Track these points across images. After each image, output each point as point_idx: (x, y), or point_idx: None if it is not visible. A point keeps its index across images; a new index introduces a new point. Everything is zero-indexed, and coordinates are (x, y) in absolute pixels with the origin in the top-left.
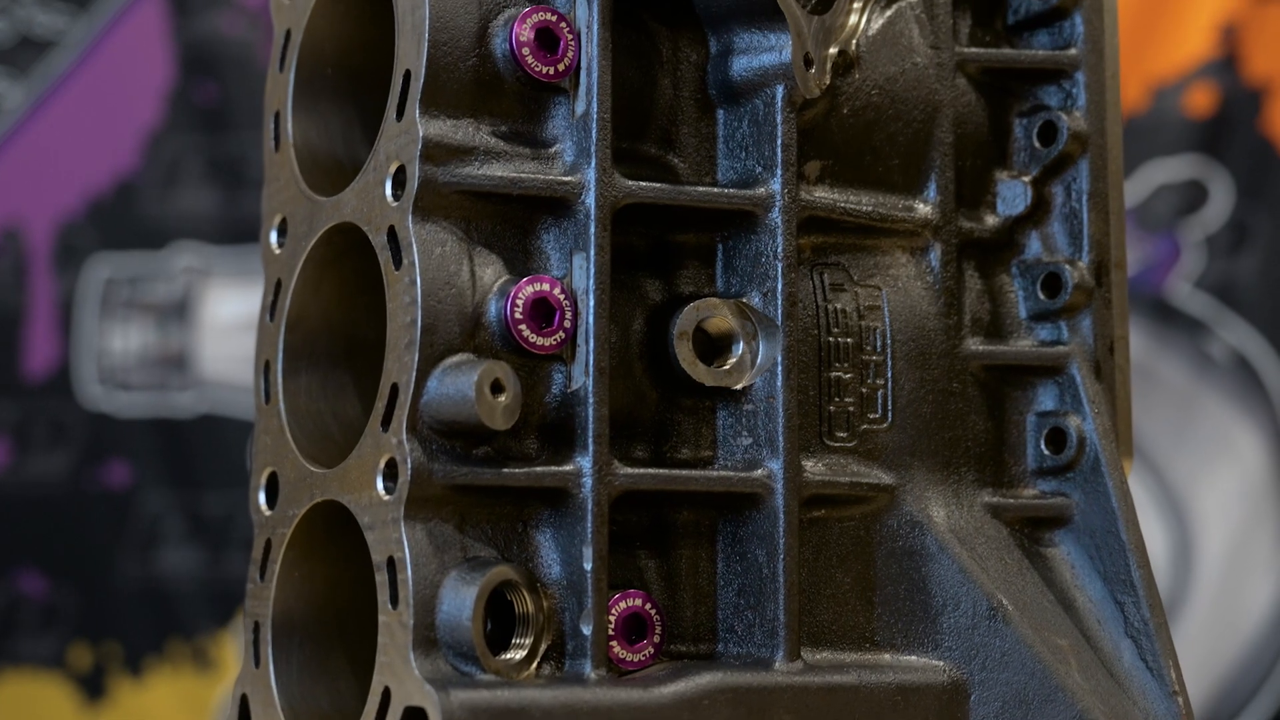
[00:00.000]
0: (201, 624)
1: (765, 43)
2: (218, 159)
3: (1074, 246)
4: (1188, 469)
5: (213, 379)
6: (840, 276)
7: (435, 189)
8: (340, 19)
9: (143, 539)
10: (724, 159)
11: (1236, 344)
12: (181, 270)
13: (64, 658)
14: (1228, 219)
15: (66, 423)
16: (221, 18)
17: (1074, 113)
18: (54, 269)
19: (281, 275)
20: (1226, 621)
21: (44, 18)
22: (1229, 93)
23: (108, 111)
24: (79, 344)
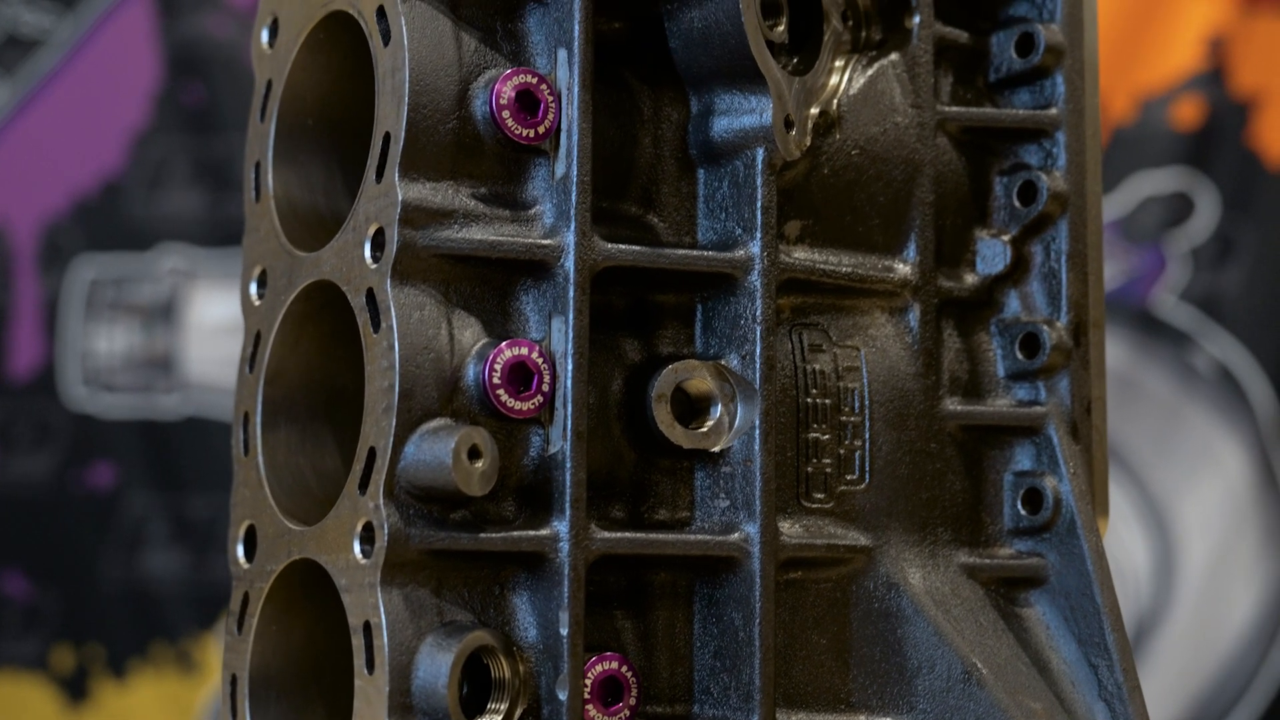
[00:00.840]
0: (185, 626)
1: (746, 105)
2: (204, 160)
3: (1052, 306)
4: (1171, 480)
5: (198, 381)
6: (819, 337)
7: (414, 252)
8: (321, 71)
9: (127, 541)
10: (704, 218)
11: (1220, 356)
12: (167, 272)
13: (47, 659)
14: (1213, 231)
15: (51, 424)
16: (209, 19)
17: (1054, 172)
18: (39, 269)
19: (261, 327)
20: (1208, 632)
21: (30, 17)
22: (1216, 105)
23: (94, 112)
24: (64, 345)
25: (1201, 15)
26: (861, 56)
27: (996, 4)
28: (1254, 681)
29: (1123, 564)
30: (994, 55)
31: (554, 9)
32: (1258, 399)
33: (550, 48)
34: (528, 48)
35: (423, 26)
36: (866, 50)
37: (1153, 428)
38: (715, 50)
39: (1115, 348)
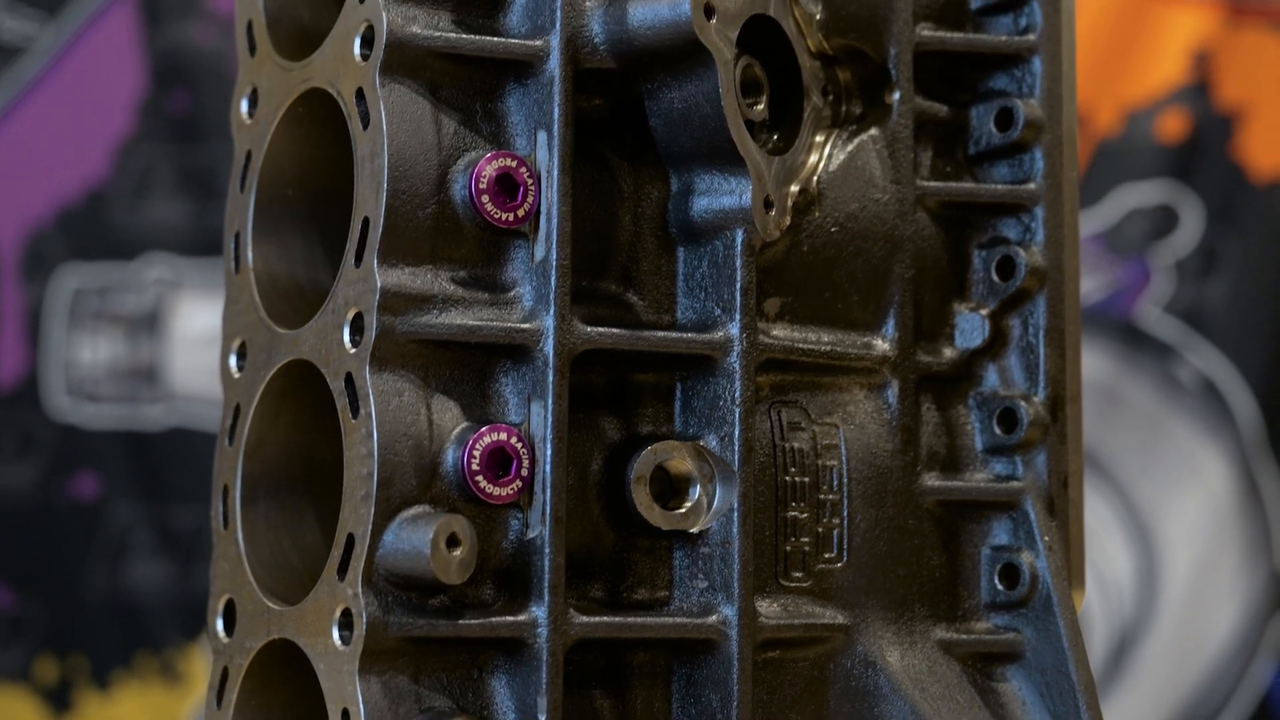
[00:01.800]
0: (170, 637)
1: (725, 185)
2: (189, 169)
3: (1030, 381)
4: (1154, 492)
5: (183, 392)
6: (798, 415)
7: (393, 338)
8: (300, 142)
9: (111, 552)
10: (684, 296)
11: (1205, 369)
12: (152, 282)
13: (30, 670)
14: (1198, 244)
15: (34, 434)
16: (193, 27)
17: (1032, 248)
18: (22, 278)
19: (240, 400)
20: (1191, 643)
21: (12, 23)
22: (1201, 118)
23: (78, 120)
24: (47, 355)
25: (1186, 28)
26: (842, 131)
27: (976, 77)
28: (1236, 692)
29: (1106, 575)
30: (974, 128)
31: (534, 90)
32: (1241, 411)
33: (530, 129)
34: (507, 128)
35: (402, 111)
36: (847, 125)
37: (1136, 439)
38: (695, 131)
39: (1099, 359)
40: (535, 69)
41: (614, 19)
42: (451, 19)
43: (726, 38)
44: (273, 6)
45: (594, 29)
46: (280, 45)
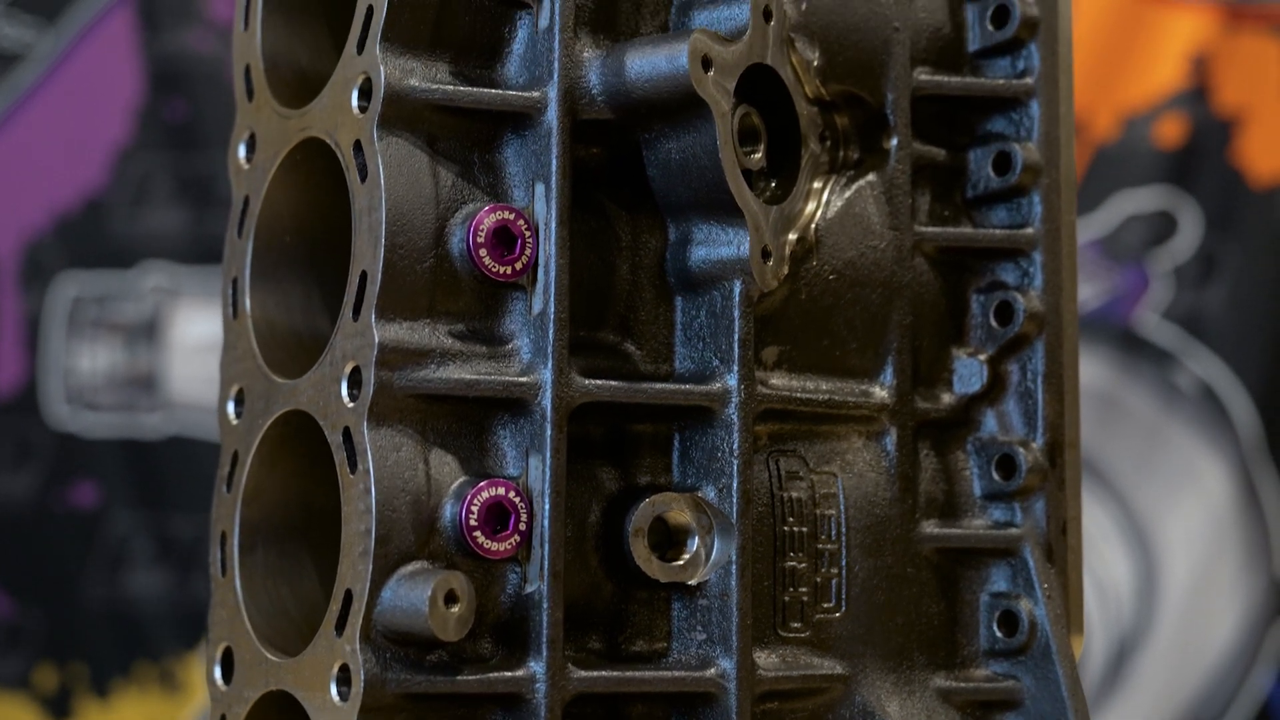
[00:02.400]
0: (169, 646)
1: (723, 236)
2: (187, 177)
3: (1028, 427)
4: (1153, 498)
5: (181, 400)
6: (796, 464)
7: (391, 394)
8: (298, 190)
9: (110, 560)
10: (681, 346)
11: (1203, 375)
12: (150, 290)
13: (29, 679)
14: (1196, 250)
15: (33, 442)
16: (191, 34)
17: (1030, 293)
18: (21, 287)
19: (238, 447)
20: (1190, 650)
21: (10, 30)
22: (1199, 123)
23: (76, 127)
24: (46, 363)
25: (1184, 32)
26: (839, 177)
27: (974, 120)
28: (1235, 700)
29: (1105, 582)
30: (971, 172)
31: (531, 141)
32: (1240, 418)
33: (528, 180)
34: (505, 179)
35: (400, 164)
36: (844, 170)
37: (1135, 446)
38: (693, 182)
39: (1098, 366)
40: (533, 120)
41: (611, 70)
42: (449, 70)
43: (724, 89)
44: (270, 51)
45: (591, 80)
46: (278, 90)
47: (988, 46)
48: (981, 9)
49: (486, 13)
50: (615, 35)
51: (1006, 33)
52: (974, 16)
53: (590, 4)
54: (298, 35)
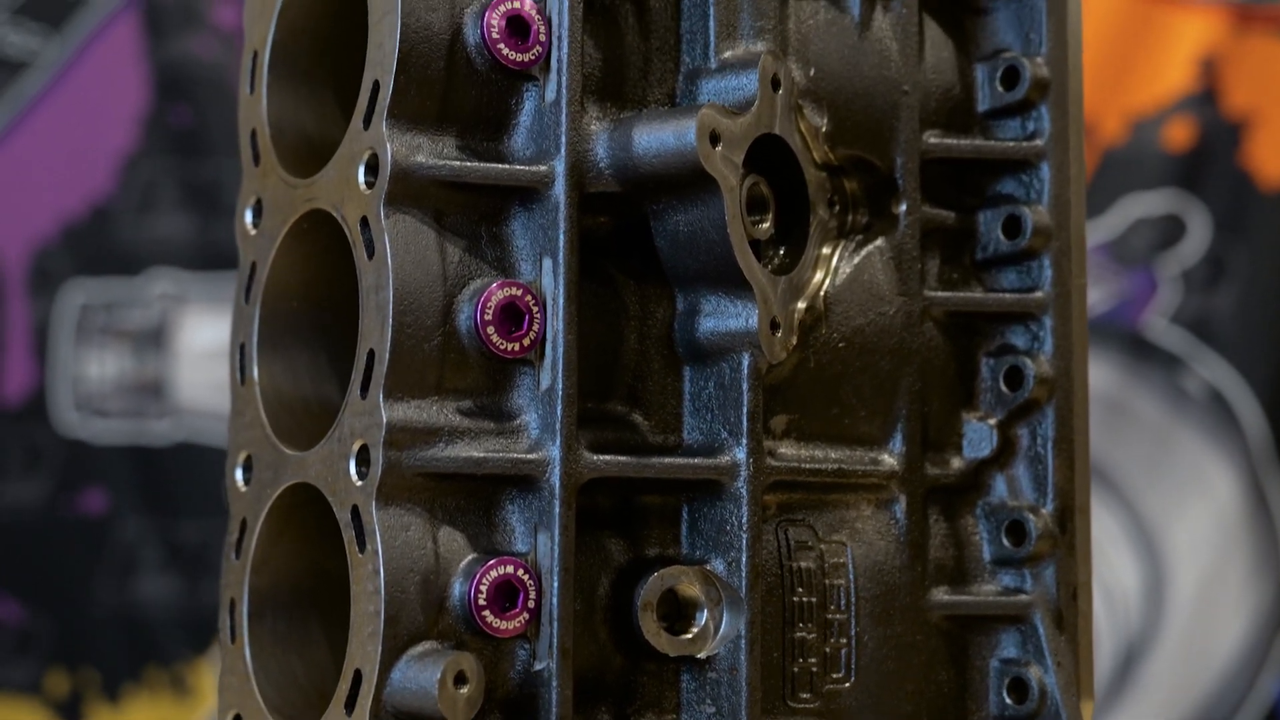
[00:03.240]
0: (179, 651)
1: (732, 308)
2: (193, 183)
3: (1038, 492)
4: (1161, 503)
5: (189, 407)
6: (805, 534)
7: (399, 473)
8: (305, 256)
9: (120, 566)
10: (690, 417)
11: (1212, 379)
12: (157, 297)
13: (41, 684)
14: (1205, 254)
15: (42, 449)
16: (195, 40)
17: (1040, 357)
18: (29, 294)
19: (247, 515)
20: (1198, 656)
21: (16, 38)
22: (1208, 126)
23: (82, 135)
24: (54, 370)
25: (1193, 35)
26: (848, 242)
27: (984, 181)
28: (1243, 706)
29: (1112, 587)
30: (981, 234)
31: (539, 215)
32: (1249, 422)
33: (535, 254)
34: (512, 253)
35: (407, 242)
36: (853, 235)
37: (1143, 451)
38: (701, 255)
39: (1105, 371)
40: (540, 195)
41: (619, 144)
42: (456, 144)
43: (732, 164)
44: (276, 116)
45: (599, 153)
46: (284, 155)
47: (998, 107)
48: (991, 69)
49: (493, 85)
50: (622, 103)
51: (1017, 94)
52: (984, 76)
53: (597, 72)
54: (304, 101)
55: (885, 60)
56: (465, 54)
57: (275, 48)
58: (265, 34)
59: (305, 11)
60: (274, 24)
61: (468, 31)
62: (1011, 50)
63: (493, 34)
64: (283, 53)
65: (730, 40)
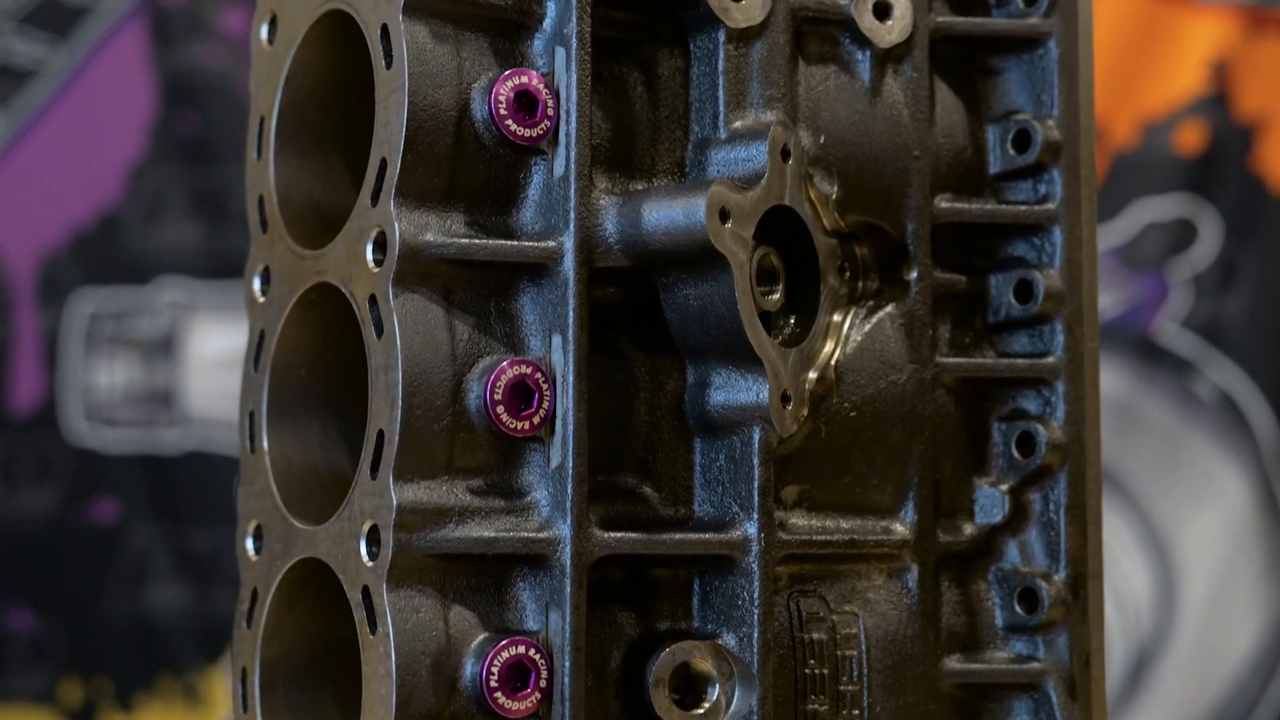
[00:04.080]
0: (190, 659)
1: (742, 382)
2: (201, 191)
3: (1051, 559)
4: (1172, 508)
5: (199, 415)
6: (817, 605)
7: (410, 554)
8: (314, 324)
9: (131, 575)
10: (701, 489)
11: (1223, 384)
12: (166, 305)
13: (55, 693)
14: (1216, 258)
15: (53, 458)
16: (202, 48)
17: (1052, 423)
18: (38, 303)
19: (258, 584)
20: (1209, 660)
21: (23, 47)
22: (1219, 130)
23: (89, 143)
24: (64, 379)
25: (1204, 38)
26: (859, 308)
27: (995, 244)
28: (1255, 710)
29: (1124, 592)
30: (993, 298)
31: (548, 290)
32: (1260, 426)
33: (544, 329)
34: (521, 328)
35: (416, 321)
36: (863, 300)
37: (1154, 456)
38: (711, 329)
39: (1117, 376)
40: (549, 270)
41: (628, 220)
42: (464, 219)
43: (742, 239)
44: (284, 182)
45: (608, 228)
46: (292, 221)
47: (1009, 170)
48: (1003, 131)
49: (501, 160)
50: (631, 172)
51: (1028, 157)
52: (995, 138)
53: (606, 143)
54: (311, 166)
55: (896, 125)
56: (473, 130)
57: (282, 114)
58: (272, 100)
59: (312, 78)
60: (280, 90)
61: (475, 107)
62: (1023, 112)
63: (500, 110)
64: (290, 119)
65: (740, 110)
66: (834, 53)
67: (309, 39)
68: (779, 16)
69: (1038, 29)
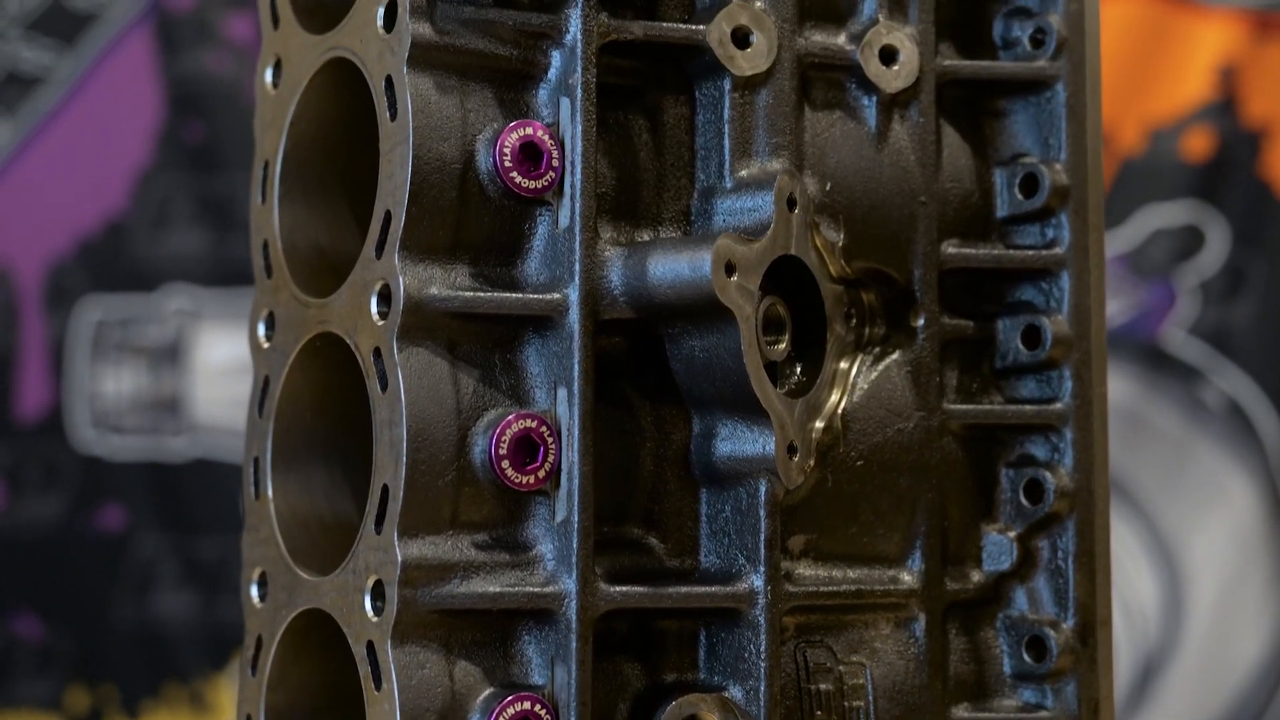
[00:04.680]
0: (197, 667)
1: (748, 434)
2: (207, 199)
3: (1059, 606)
4: (1179, 516)
5: (205, 423)
6: (823, 655)
7: (414, 610)
8: (319, 372)
9: (137, 582)
10: (707, 539)
11: (1230, 391)
12: (173, 312)
13: (61, 700)
14: (1224, 265)
15: (59, 466)
16: (208, 55)
17: (1060, 470)
18: (45, 310)
19: (262, 632)
20: (1217, 669)
21: (30, 53)
22: (1227, 136)
23: (96, 150)
24: (71, 387)
25: (1212, 43)
26: (866, 355)
27: (1003, 289)
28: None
29: (1130, 601)
30: (1000, 343)
31: (553, 342)
32: (1267, 434)
33: (550, 382)
34: (526, 380)
35: (420, 376)
36: (870, 347)
37: (1161, 463)
38: (717, 381)
39: (1124, 383)
40: (555, 323)
41: (633, 272)
42: (469, 271)
43: (747, 293)
44: (288, 227)
45: (613, 280)
46: (296, 267)
47: (1017, 214)
48: (1010, 175)
49: (506, 212)
50: (637, 221)
51: (1036, 202)
52: (1002, 182)
53: (611, 191)
54: (316, 211)
55: (903, 171)
56: (478, 181)
57: (286, 159)
58: (276, 144)
59: (316, 122)
60: (285, 135)
61: (480, 159)
62: (1031, 155)
63: (505, 162)
64: (294, 164)
65: (745, 158)
66: (840, 98)
67: (314, 84)
68: (785, 64)
69: (1045, 72)
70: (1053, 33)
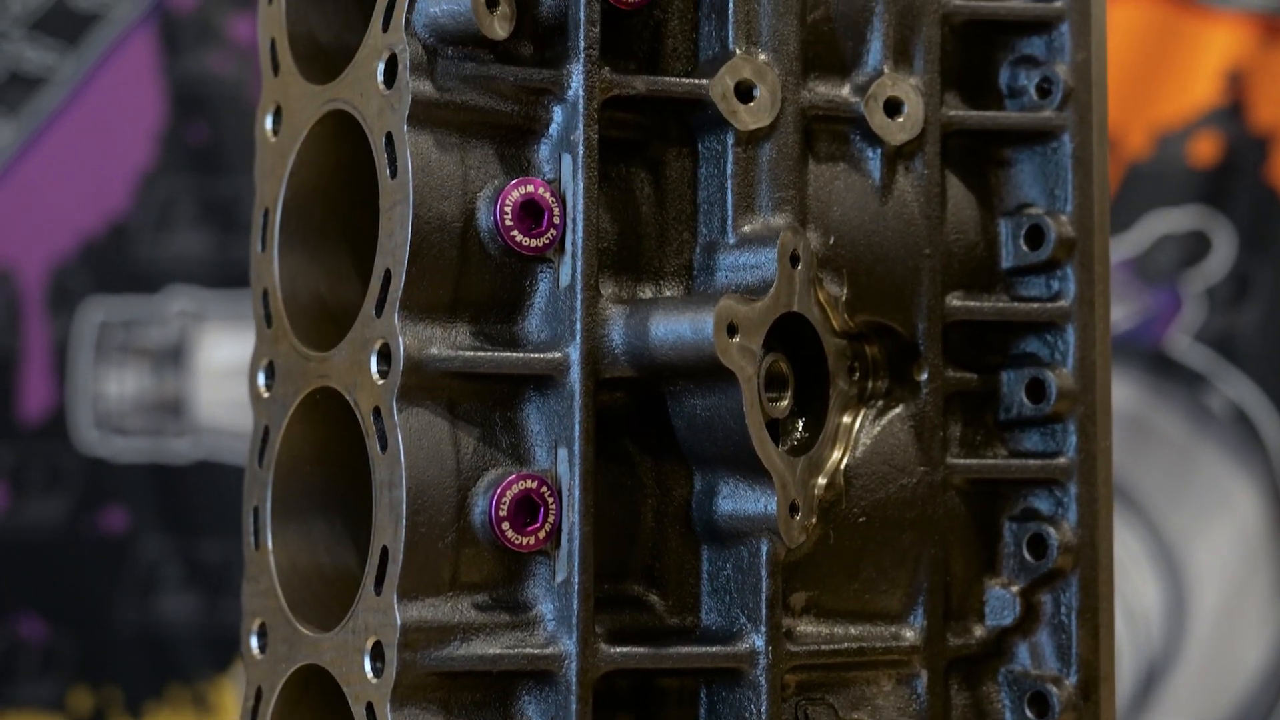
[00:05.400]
0: (200, 668)
1: (750, 493)
2: (210, 200)
3: (1061, 662)
4: (1183, 522)
5: (209, 425)
6: (825, 713)
7: (414, 673)
8: (319, 423)
9: (141, 584)
10: (708, 597)
11: (1236, 398)
12: (176, 314)
13: (64, 701)
14: (1230, 271)
15: (63, 467)
16: (211, 56)
17: (1064, 525)
18: (48, 312)
19: (262, 683)
20: (1220, 675)
21: (33, 54)
22: (1234, 141)
23: (99, 151)
24: (74, 388)
25: (1220, 48)
26: (869, 409)
27: (1007, 341)
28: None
29: (1134, 606)
30: (1004, 395)
31: (554, 401)
32: (1272, 440)
33: (550, 441)
34: (527, 439)
35: (420, 436)
36: (873, 400)
37: (1165, 469)
38: (719, 440)
39: (1129, 388)
40: (556, 382)
41: (635, 332)
42: (469, 330)
43: (750, 353)
44: (289, 276)
45: (614, 339)
46: (296, 317)
47: (1021, 265)
48: (1015, 226)
49: (507, 269)
50: (638, 276)
51: (1041, 254)
52: (1007, 233)
53: (613, 246)
54: (317, 260)
55: (907, 223)
56: (478, 240)
57: (286, 208)
58: (276, 193)
59: (316, 171)
60: (285, 184)
61: (481, 217)
62: (1036, 206)
63: (506, 220)
64: (294, 213)
65: (748, 213)
66: (844, 151)
67: (314, 134)
68: (788, 117)
69: (1051, 122)
70: (1059, 82)
